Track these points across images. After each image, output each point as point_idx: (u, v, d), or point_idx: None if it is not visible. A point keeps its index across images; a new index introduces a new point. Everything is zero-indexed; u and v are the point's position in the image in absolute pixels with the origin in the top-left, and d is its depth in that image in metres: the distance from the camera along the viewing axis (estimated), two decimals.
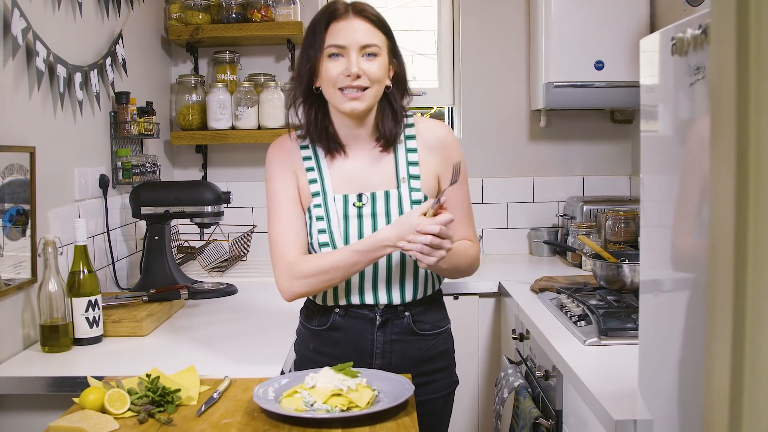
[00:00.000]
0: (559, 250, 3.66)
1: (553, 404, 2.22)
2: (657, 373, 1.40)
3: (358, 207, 1.93)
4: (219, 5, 3.54)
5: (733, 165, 0.72)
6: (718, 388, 0.77)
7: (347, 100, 1.88)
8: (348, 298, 1.95)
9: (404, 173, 1.96)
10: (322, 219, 1.94)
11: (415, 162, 1.97)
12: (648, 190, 1.45)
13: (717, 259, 0.77)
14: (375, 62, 1.89)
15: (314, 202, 1.95)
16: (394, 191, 1.95)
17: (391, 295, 1.95)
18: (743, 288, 0.72)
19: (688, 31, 1.16)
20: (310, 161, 1.99)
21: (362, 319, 1.96)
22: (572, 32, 3.38)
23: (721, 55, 0.74)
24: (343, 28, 1.89)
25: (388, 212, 1.93)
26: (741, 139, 0.71)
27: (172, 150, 3.76)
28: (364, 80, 1.87)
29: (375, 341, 1.96)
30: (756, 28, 0.69)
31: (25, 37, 2.18)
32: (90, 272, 2.25)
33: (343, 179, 1.97)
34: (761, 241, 0.71)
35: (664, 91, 1.34)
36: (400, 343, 1.97)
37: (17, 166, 2.15)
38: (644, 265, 1.49)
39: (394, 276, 1.94)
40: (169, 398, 1.69)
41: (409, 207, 1.92)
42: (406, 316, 1.97)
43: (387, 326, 1.96)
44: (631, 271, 2.48)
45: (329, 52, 1.89)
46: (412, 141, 1.99)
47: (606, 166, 3.81)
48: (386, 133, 1.96)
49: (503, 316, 3.15)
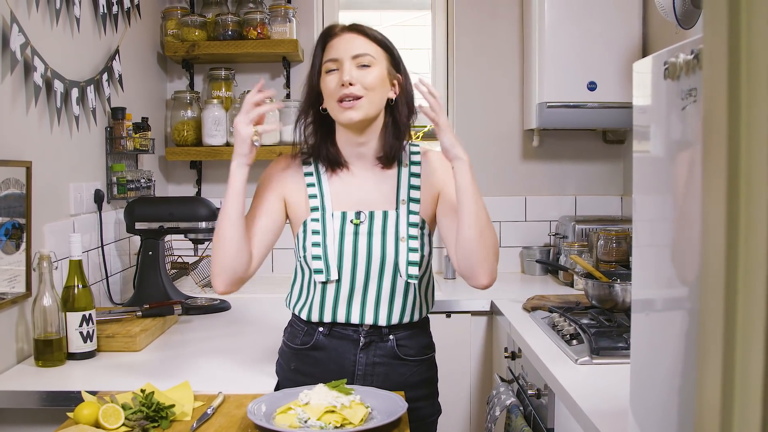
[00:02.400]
0: (551, 269, 3.68)
1: (545, 422, 2.23)
2: (648, 391, 1.41)
3: (356, 224, 1.95)
4: (215, 22, 3.56)
5: (725, 186, 0.73)
6: (708, 407, 0.78)
7: (344, 110, 1.91)
8: (334, 315, 1.96)
9: (405, 195, 1.98)
10: (318, 233, 1.95)
11: (417, 186, 1.99)
12: (640, 209, 1.47)
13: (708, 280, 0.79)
14: (369, 72, 1.92)
15: (312, 216, 1.97)
16: (392, 212, 1.96)
17: (377, 316, 1.95)
18: (734, 307, 0.74)
19: (681, 56, 1.18)
20: (312, 177, 2.01)
21: (346, 340, 1.97)
22: (565, 53, 3.41)
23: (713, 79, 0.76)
24: (336, 44, 1.95)
25: (385, 232, 1.94)
26: (732, 161, 0.73)
27: (166, 165, 3.77)
28: (358, 89, 1.90)
29: (357, 362, 1.96)
30: (747, 53, 0.71)
31: (24, 52, 2.19)
32: (84, 287, 2.25)
33: (342, 196, 1.98)
34: (751, 261, 0.73)
35: (656, 112, 1.35)
36: (382, 366, 1.97)
37: (13, 180, 2.15)
38: (636, 284, 1.50)
39: (384, 296, 1.95)
40: (163, 414, 1.70)
41: (406, 229, 1.94)
42: (390, 339, 1.97)
43: (370, 348, 1.97)
44: (623, 290, 2.49)
45: (326, 68, 1.94)
46: (417, 167, 2.02)
47: (598, 186, 3.83)
48: (387, 149, 1.98)
49: (495, 335, 3.15)
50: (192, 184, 3.82)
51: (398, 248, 1.93)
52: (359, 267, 1.94)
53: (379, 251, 1.93)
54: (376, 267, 1.93)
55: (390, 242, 1.94)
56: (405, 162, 2.02)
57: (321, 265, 1.94)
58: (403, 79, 2.01)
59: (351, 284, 1.94)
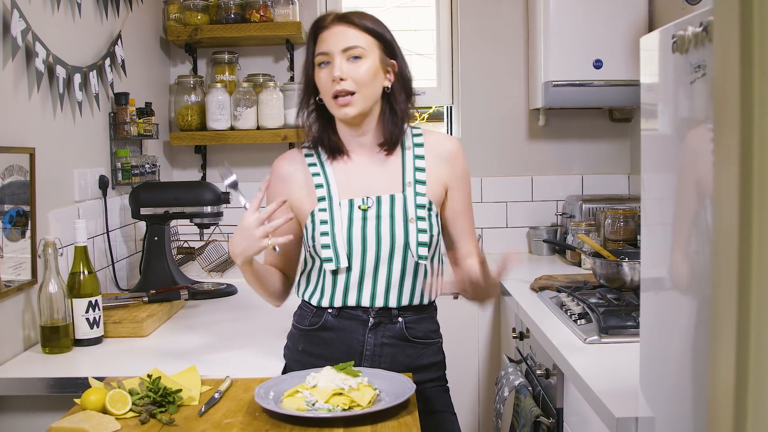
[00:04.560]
0: (559, 249, 3.66)
1: (554, 402, 2.22)
2: (658, 370, 1.40)
3: (364, 210, 1.94)
4: (218, 6, 3.54)
5: (737, 163, 0.72)
6: (722, 384, 0.77)
7: (339, 107, 1.90)
8: (345, 299, 1.95)
9: (411, 178, 1.97)
10: (326, 222, 1.94)
11: (422, 168, 1.98)
12: (648, 188, 1.45)
13: (721, 257, 0.78)
14: (360, 65, 1.90)
15: (319, 206, 1.96)
16: (399, 195, 1.95)
17: (388, 298, 1.94)
18: (747, 284, 0.73)
19: (689, 28, 1.16)
20: (316, 167, 2.01)
21: (355, 320, 1.96)
22: (571, 31, 3.38)
23: (724, 52, 0.74)
24: (326, 37, 1.93)
25: (393, 215, 1.93)
26: (745, 137, 0.71)
27: (171, 150, 3.75)
28: (350, 84, 1.89)
29: (366, 343, 1.96)
30: (759, 25, 0.69)
31: (25, 38, 2.17)
32: (90, 273, 2.25)
33: (348, 183, 1.98)
34: (765, 238, 0.71)
35: (664, 89, 1.34)
36: (390, 348, 1.97)
37: (17, 167, 2.15)
38: (645, 263, 1.49)
39: (394, 278, 1.94)
40: (170, 398, 1.69)
41: (414, 211, 1.93)
42: (399, 321, 1.97)
43: (379, 329, 1.96)
44: (631, 269, 2.48)
45: (318, 61, 1.94)
46: (420, 149, 2.01)
47: (605, 165, 3.81)
48: (388, 135, 1.97)
49: (503, 315, 3.15)
50: (197, 169, 3.81)
51: (407, 229, 1.92)
52: (369, 252, 1.93)
53: (389, 234, 1.92)
54: (386, 250, 1.93)
55: (399, 224, 1.93)
56: (408, 145, 2.01)
57: (330, 254, 1.93)
58: (399, 64, 1.99)
59: (361, 270, 1.93)
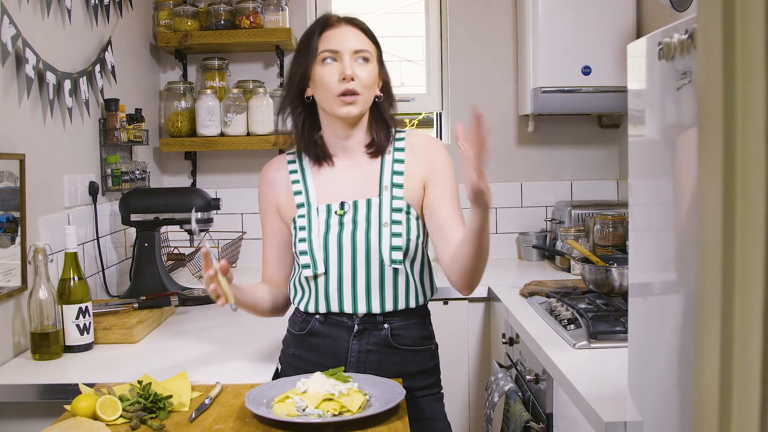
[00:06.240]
0: (548, 255, 3.67)
1: (544, 408, 2.23)
2: (646, 374, 1.41)
3: (340, 215, 1.95)
4: (207, 12, 3.54)
5: (721, 167, 0.73)
6: (707, 389, 0.78)
7: (345, 104, 1.91)
8: (328, 305, 1.96)
9: (388, 181, 1.98)
10: (304, 229, 1.96)
11: (400, 171, 1.99)
12: (636, 194, 1.46)
13: (706, 261, 0.78)
14: (367, 68, 1.94)
15: (299, 213, 1.99)
16: (375, 199, 1.96)
17: (370, 304, 1.95)
18: (731, 289, 0.73)
19: (675, 36, 1.17)
20: (296, 174, 2.03)
21: (340, 327, 1.97)
22: (560, 38, 3.40)
23: (708, 58, 0.75)
24: (335, 35, 1.95)
25: (369, 219, 1.94)
26: (728, 142, 0.72)
27: (161, 157, 3.75)
28: (357, 85, 1.91)
29: (350, 349, 1.96)
30: (742, 32, 0.70)
31: (15, 44, 2.17)
32: (80, 279, 2.24)
33: (327, 188, 1.99)
34: (748, 242, 0.72)
35: (651, 95, 1.35)
36: (375, 354, 1.97)
37: (7, 173, 2.14)
38: (633, 268, 1.50)
39: (374, 283, 1.94)
40: (160, 404, 1.69)
41: (389, 215, 1.94)
42: (384, 327, 1.97)
43: (363, 336, 1.96)
44: (620, 274, 2.49)
45: (323, 57, 1.94)
46: (401, 152, 2.02)
47: (594, 171, 3.82)
48: (380, 141, 1.99)
49: (493, 321, 3.15)
50: (187, 175, 3.80)
51: (381, 234, 1.93)
52: (345, 257, 1.94)
53: (364, 239, 1.93)
54: (362, 255, 1.93)
55: (374, 229, 1.94)
56: (389, 150, 2.02)
57: (308, 260, 1.94)
58: (386, 73, 2.03)
59: (339, 275, 1.94)
